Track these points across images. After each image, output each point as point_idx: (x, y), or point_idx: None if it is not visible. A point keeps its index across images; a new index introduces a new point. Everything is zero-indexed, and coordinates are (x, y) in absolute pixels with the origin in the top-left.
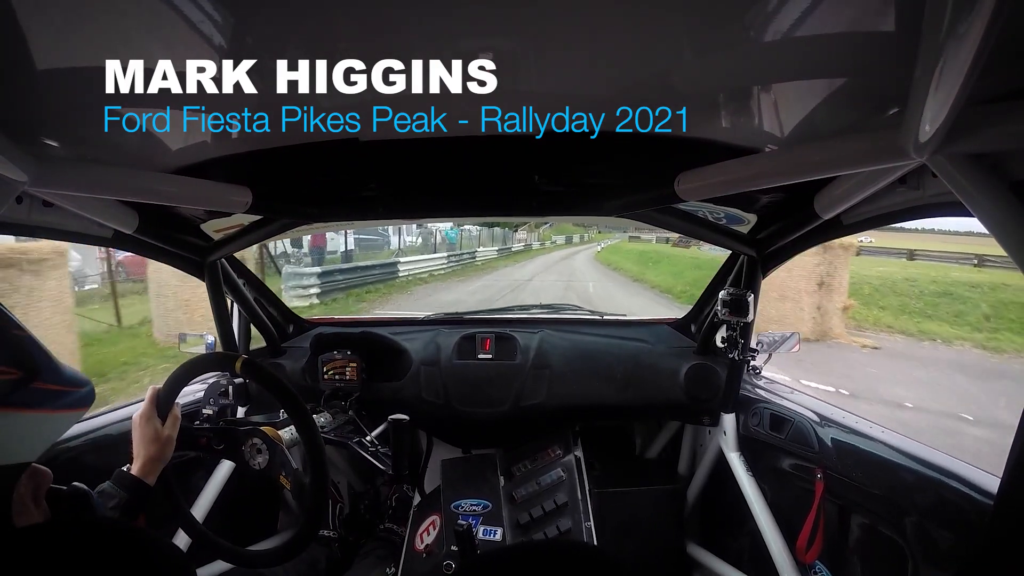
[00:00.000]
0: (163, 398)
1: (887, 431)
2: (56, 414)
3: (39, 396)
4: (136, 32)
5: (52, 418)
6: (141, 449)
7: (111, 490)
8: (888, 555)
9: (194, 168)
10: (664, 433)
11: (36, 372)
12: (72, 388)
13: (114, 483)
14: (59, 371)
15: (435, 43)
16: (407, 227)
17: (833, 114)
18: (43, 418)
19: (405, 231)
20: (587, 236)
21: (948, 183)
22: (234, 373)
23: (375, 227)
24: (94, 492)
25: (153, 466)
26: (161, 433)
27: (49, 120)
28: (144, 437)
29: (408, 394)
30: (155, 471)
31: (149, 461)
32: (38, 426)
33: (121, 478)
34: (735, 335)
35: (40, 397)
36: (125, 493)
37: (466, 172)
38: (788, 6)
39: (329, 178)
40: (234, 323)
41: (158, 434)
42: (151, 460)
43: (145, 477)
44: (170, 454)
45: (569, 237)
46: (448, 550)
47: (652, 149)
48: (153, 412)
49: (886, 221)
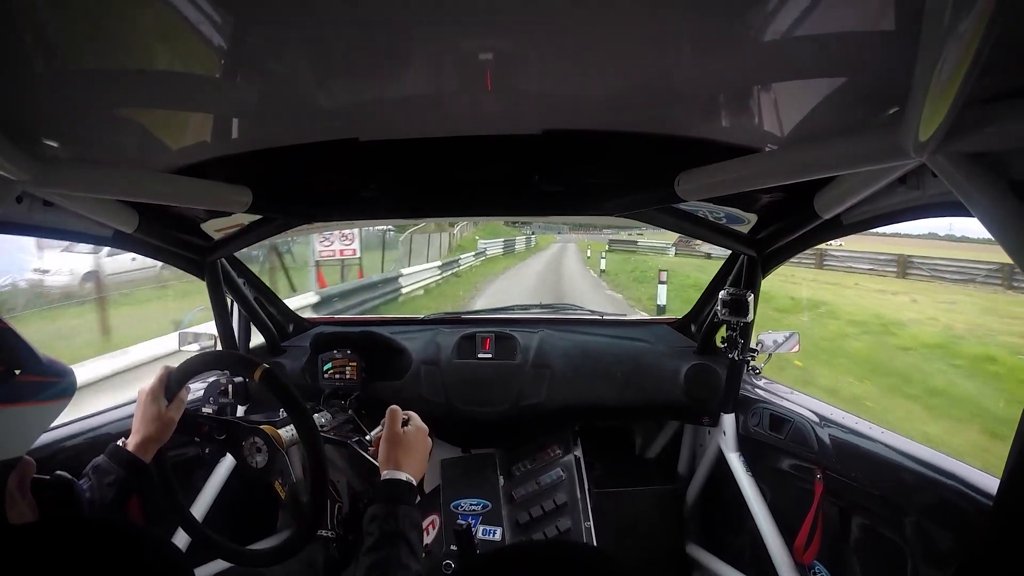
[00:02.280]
0: (173, 380)
1: (886, 432)
2: (41, 406)
3: (24, 389)
4: (137, 32)
5: (38, 410)
6: (141, 426)
7: (107, 465)
8: (887, 555)
9: (194, 168)
10: (664, 433)
11: (18, 364)
12: (54, 379)
13: (109, 458)
14: (40, 362)
15: (435, 43)
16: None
17: (833, 113)
18: (29, 411)
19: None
20: (533, 240)
21: (948, 183)
22: (252, 380)
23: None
24: (89, 465)
25: (150, 445)
26: (164, 414)
27: (49, 120)
28: (146, 414)
29: (408, 393)
30: (151, 450)
31: (147, 439)
32: (25, 419)
33: (116, 452)
34: (735, 335)
35: (25, 390)
36: (122, 470)
37: (466, 172)
38: (788, 5)
39: (329, 178)
40: (234, 322)
41: (161, 414)
42: (149, 439)
43: (141, 455)
44: (168, 436)
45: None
46: (447, 549)
47: (652, 149)
48: (160, 391)
49: (886, 221)
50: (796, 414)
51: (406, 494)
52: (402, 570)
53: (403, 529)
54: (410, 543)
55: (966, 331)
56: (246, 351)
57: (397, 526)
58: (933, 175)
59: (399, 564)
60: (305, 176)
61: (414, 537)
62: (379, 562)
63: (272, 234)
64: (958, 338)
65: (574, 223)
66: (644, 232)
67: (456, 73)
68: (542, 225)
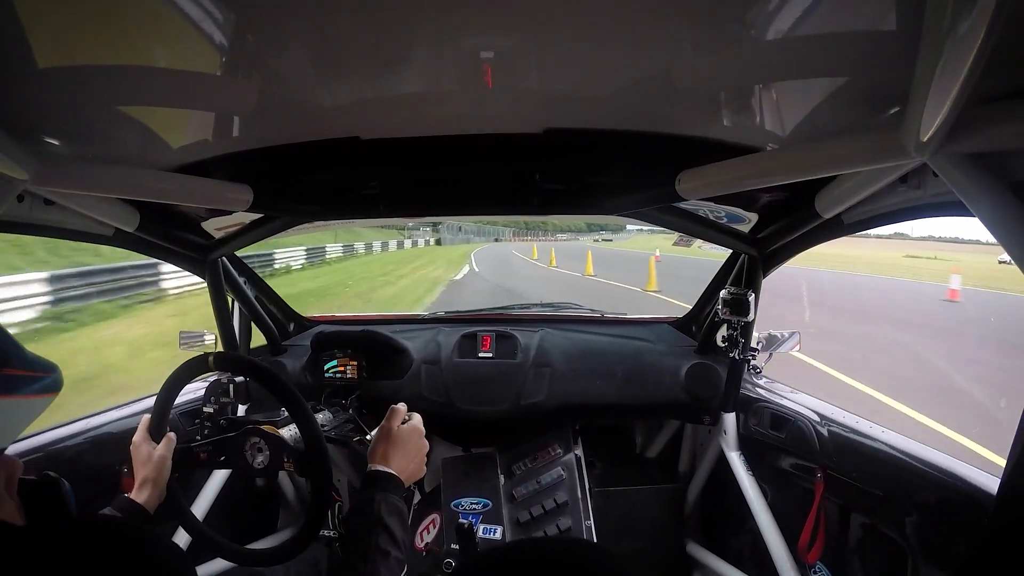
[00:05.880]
0: (153, 421)
1: (887, 431)
2: (28, 399)
3: (10, 382)
4: (138, 30)
5: (25, 403)
6: (138, 471)
7: (111, 515)
8: (888, 555)
9: (195, 166)
10: (664, 432)
11: (4, 358)
12: (41, 374)
13: (114, 508)
14: (26, 357)
15: (436, 41)
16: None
17: (834, 113)
18: (16, 404)
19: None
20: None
21: (949, 182)
22: (208, 369)
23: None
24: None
25: (148, 488)
26: (154, 455)
27: (50, 118)
28: (139, 460)
29: (409, 392)
30: (152, 493)
31: (144, 482)
32: (11, 412)
33: (120, 502)
34: (736, 334)
35: (11, 383)
36: (123, 517)
37: (467, 170)
38: (790, 5)
39: (330, 176)
40: (235, 321)
41: (151, 456)
42: (146, 481)
43: (141, 499)
44: (166, 476)
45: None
46: (448, 548)
47: (653, 147)
48: (145, 437)
49: (887, 220)
50: (797, 413)
51: (387, 483)
52: (380, 556)
53: (381, 516)
54: (389, 529)
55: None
56: (247, 350)
57: (375, 512)
58: (934, 175)
59: (378, 549)
60: (306, 174)
61: (394, 523)
62: (358, 550)
63: (273, 232)
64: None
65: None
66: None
67: (457, 71)
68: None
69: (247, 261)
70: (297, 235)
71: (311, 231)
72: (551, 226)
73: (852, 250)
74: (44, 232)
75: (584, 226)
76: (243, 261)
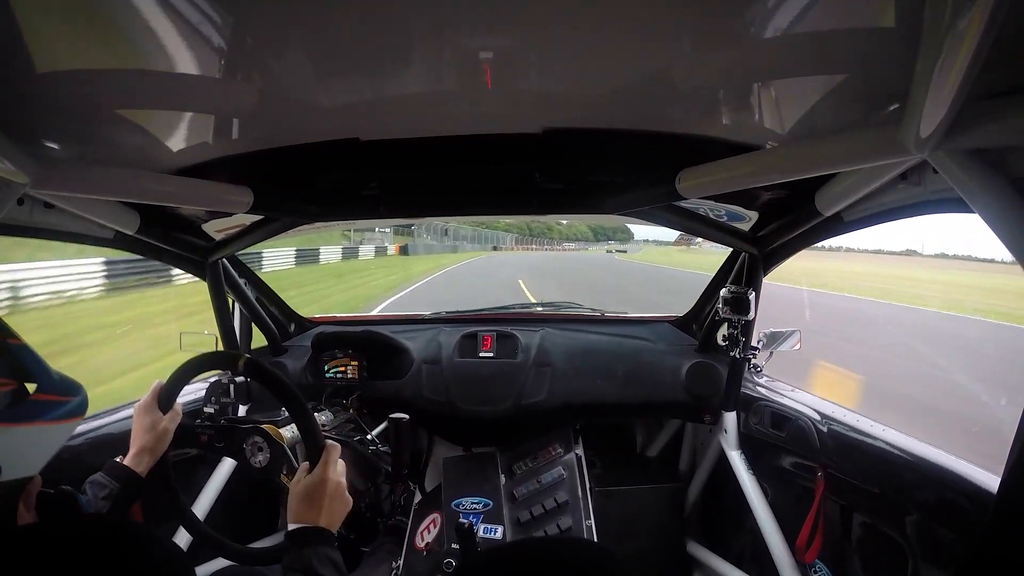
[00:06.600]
0: (165, 392)
1: (888, 430)
2: (53, 425)
3: (36, 408)
4: (137, 33)
5: (50, 430)
6: (136, 438)
7: (102, 479)
8: (888, 554)
9: (195, 168)
10: (665, 431)
11: (31, 381)
12: (66, 398)
13: (106, 473)
14: (52, 379)
15: (434, 42)
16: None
17: (834, 110)
18: (41, 431)
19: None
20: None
21: (949, 179)
22: (236, 372)
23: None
24: (86, 481)
25: (145, 456)
26: (158, 425)
27: (50, 122)
28: (141, 427)
29: (409, 392)
30: (147, 462)
31: (141, 451)
32: (37, 439)
33: (112, 468)
34: (736, 333)
35: (37, 409)
36: (116, 483)
37: (466, 170)
38: (788, 2)
39: (330, 178)
40: (236, 322)
41: (155, 425)
42: (143, 450)
43: (137, 467)
44: (164, 447)
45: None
46: (448, 548)
47: (653, 146)
48: (153, 403)
49: (887, 218)
50: (797, 412)
51: (315, 538)
52: None
53: (314, 567)
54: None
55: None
56: (247, 351)
57: (305, 566)
58: (934, 171)
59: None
60: (306, 176)
61: (328, 572)
62: None
63: (273, 234)
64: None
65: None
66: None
67: (456, 72)
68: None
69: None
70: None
71: (309, 232)
72: (556, 233)
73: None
74: (44, 235)
75: (591, 234)
76: (243, 262)
